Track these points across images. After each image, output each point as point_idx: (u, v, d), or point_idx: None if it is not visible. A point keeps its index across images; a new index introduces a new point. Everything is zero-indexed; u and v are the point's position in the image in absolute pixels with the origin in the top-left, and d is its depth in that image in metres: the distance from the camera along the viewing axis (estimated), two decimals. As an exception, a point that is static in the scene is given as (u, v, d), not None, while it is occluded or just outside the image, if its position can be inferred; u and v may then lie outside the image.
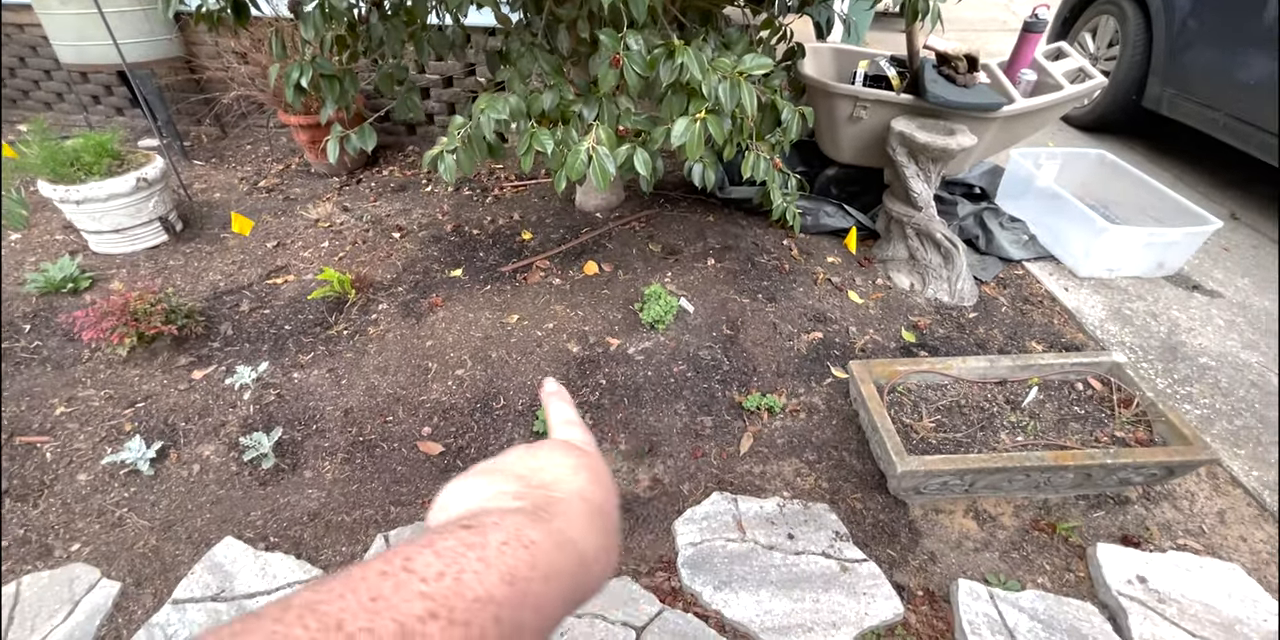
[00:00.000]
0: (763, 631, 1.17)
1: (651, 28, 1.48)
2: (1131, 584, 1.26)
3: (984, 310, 1.99)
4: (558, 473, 0.30)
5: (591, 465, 0.32)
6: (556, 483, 0.30)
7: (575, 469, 0.31)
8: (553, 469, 0.31)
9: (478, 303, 1.96)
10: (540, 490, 0.29)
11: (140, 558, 1.29)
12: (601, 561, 0.27)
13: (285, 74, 1.59)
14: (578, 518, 0.27)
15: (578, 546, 0.26)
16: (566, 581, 0.24)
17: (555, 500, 0.28)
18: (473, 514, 0.25)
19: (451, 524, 0.24)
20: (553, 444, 0.34)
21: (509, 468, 0.31)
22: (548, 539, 0.24)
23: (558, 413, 0.39)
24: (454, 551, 0.21)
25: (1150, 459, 1.34)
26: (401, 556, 0.21)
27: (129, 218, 2.12)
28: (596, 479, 0.31)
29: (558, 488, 0.29)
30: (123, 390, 1.65)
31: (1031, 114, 1.98)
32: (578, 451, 0.33)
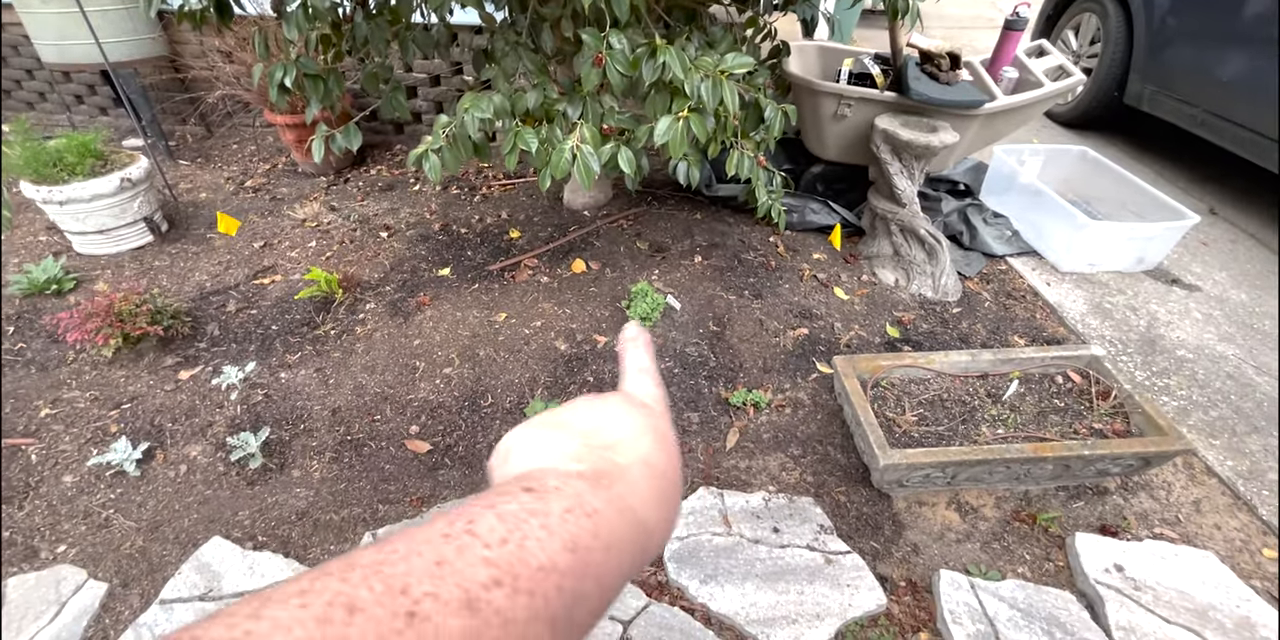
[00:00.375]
0: (748, 624, 1.19)
1: (635, 27, 1.49)
2: (1109, 573, 1.29)
3: (967, 305, 2.01)
4: (622, 433, 0.29)
5: (657, 426, 0.31)
6: (620, 444, 0.28)
7: (641, 430, 0.30)
8: (617, 428, 0.29)
9: (465, 301, 1.96)
10: (603, 452, 0.28)
11: (127, 559, 1.29)
12: (662, 530, 0.27)
13: (269, 73, 1.59)
14: (640, 485, 0.27)
15: (639, 515, 0.25)
16: (627, 551, 0.24)
17: (618, 466, 0.27)
18: (533, 475, 0.25)
19: (512, 484, 0.23)
20: (621, 399, 0.32)
21: (573, 423, 0.30)
22: (610, 507, 0.24)
23: (634, 360, 0.36)
24: (517, 516, 0.21)
25: (1127, 450, 1.36)
26: (464, 519, 0.20)
27: (113, 218, 2.10)
28: (661, 442, 0.30)
29: (621, 450, 0.28)
30: (108, 391, 1.64)
31: (1013, 111, 2.01)
32: (645, 409, 0.31)
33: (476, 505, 0.21)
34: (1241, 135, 2.34)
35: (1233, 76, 2.35)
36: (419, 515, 1.37)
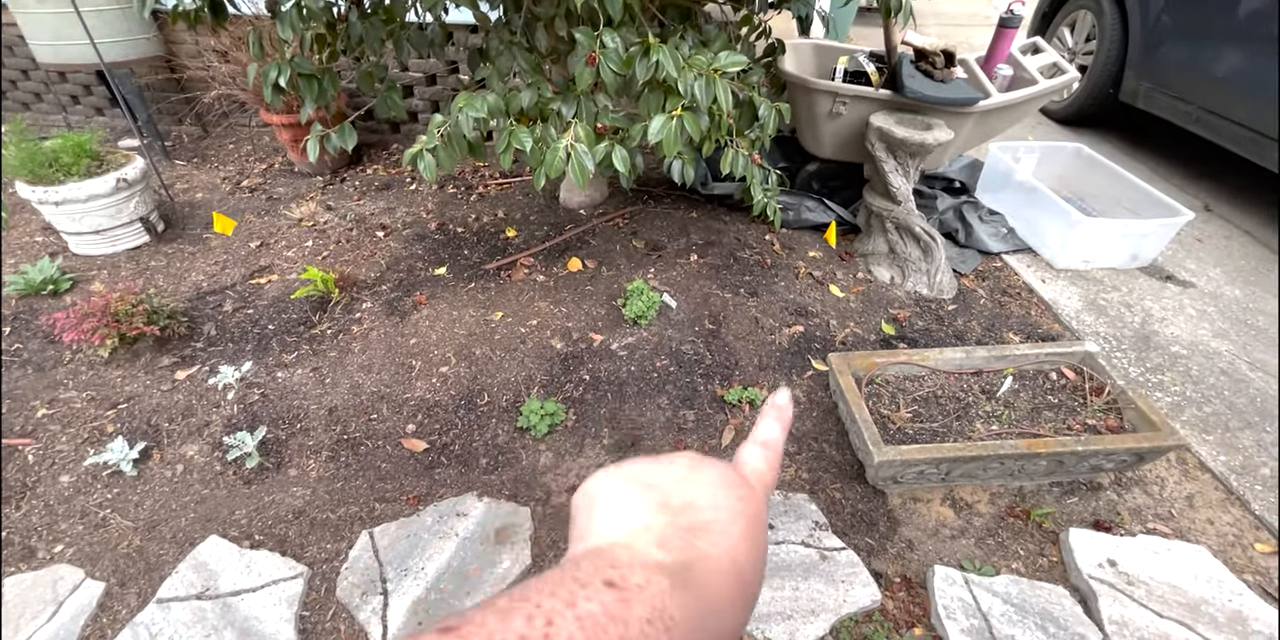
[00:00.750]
0: (743, 619, 1.20)
1: (629, 26, 1.49)
2: (1102, 567, 1.29)
3: (963, 302, 2.02)
4: (715, 516, 0.28)
5: (750, 511, 0.29)
6: (710, 528, 0.27)
7: (734, 515, 0.28)
8: (711, 507, 0.28)
9: (462, 300, 1.96)
10: (691, 537, 0.26)
11: (124, 558, 1.30)
12: (733, 634, 0.25)
13: (263, 73, 1.59)
14: (721, 590, 0.25)
15: (709, 627, 0.24)
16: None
17: (704, 559, 0.26)
18: (617, 559, 0.24)
19: (595, 573, 0.23)
20: (721, 473, 0.30)
21: (667, 487, 0.28)
22: (687, 618, 0.23)
23: (763, 430, 0.35)
24: (597, 623, 0.20)
25: (1120, 445, 1.37)
26: (544, 618, 0.20)
27: (109, 219, 2.10)
28: (752, 532, 0.28)
29: (709, 538, 0.26)
30: (105, 391, 1.64)
31: (1007, 108, 2.01)
32: (744, 490, 0.30)
33: (558, 597, 0.21)
34: (1237, 132, 2.35)
35: (1228, 73, 2.36)
36: (415, 514, 1.38)
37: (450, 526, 1.35)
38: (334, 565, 1.28)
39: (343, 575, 1.26)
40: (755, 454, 0.33)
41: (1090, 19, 3.08)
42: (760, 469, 0.33)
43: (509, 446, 1.53)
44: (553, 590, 0.21)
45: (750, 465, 0.33)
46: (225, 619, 1.18)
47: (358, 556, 1.30)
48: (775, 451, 0.34)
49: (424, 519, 1.37)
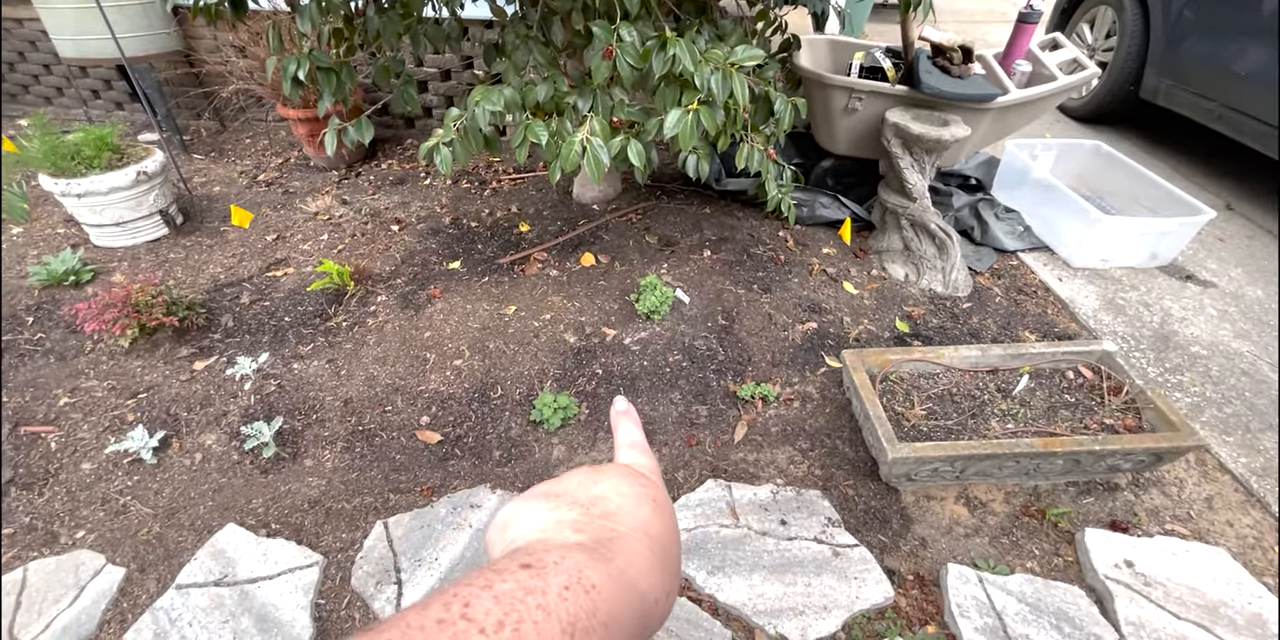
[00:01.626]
0: (755, 615, 1.20)
1: (645, 20, 1.49)
2: (1119, 568, 1.28)
3: (978, 300, 2.00)
4: (621, 502, 0.29)
5: (655, 496, 0.31)
6: (619, 514, 0.28)
7: (639, 499, 0.30)
8: (616, 498, 0.29)
9: (475, 294, 1.97)
10: (602, 521, 0.28)
11: (144, 544, 1.32)
12: (662, 603, 0.26)
13: (282, 67, 1.60)
14: (640, 556, 0.26)
15: (639, 588, 0.25)
16: (628, 624, 0.23)
17: (618, 535, 0.27)
18: (532, 548, 0.25)
19: (510, 560, 0.23)
20: (618, 470, 0.32)
21: (571, 492, 0.30)
22: (609, 582, 0.23)
23: (625, 434, 0.38)
24: (513, 597, 0.21)
25: (1138, 445, 1.35)
26: (461, 602, 0.20)
27: (130, 211, 2.13)
28: (660, 511, 0.30)
29: (620, 519, 0.28)
30: (125, 381, 1.67)
31: (1025, 105, 1.99)
32: (642, 479, 0.32)
33: (474, 585, 0.21)
34: (1259, 130, 2.31)
35: (1251, 70, 2.31)
36: (429, 505, 1.39)
37: (464, 518, 1.36)
38: (349, 554, 1.30)
39: (358, 564, 1.28)
40: (631, 455, 0.36)
41: (1111, 15, 3.04)
42: (645, 462, 0.35)
43: (522, 439, 1.54)
44: (469, 581, 0.22)
45: (636, 463, 0.35)
46: (243, 606, 1.20)
47: (372, 546, 1.31)
48: (645, 447, 0.37)
49: (438, 510, 1.38)
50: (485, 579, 0.22)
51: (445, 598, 0.21)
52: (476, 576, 0.22)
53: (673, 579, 0.28)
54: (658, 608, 0.26)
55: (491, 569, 0.23)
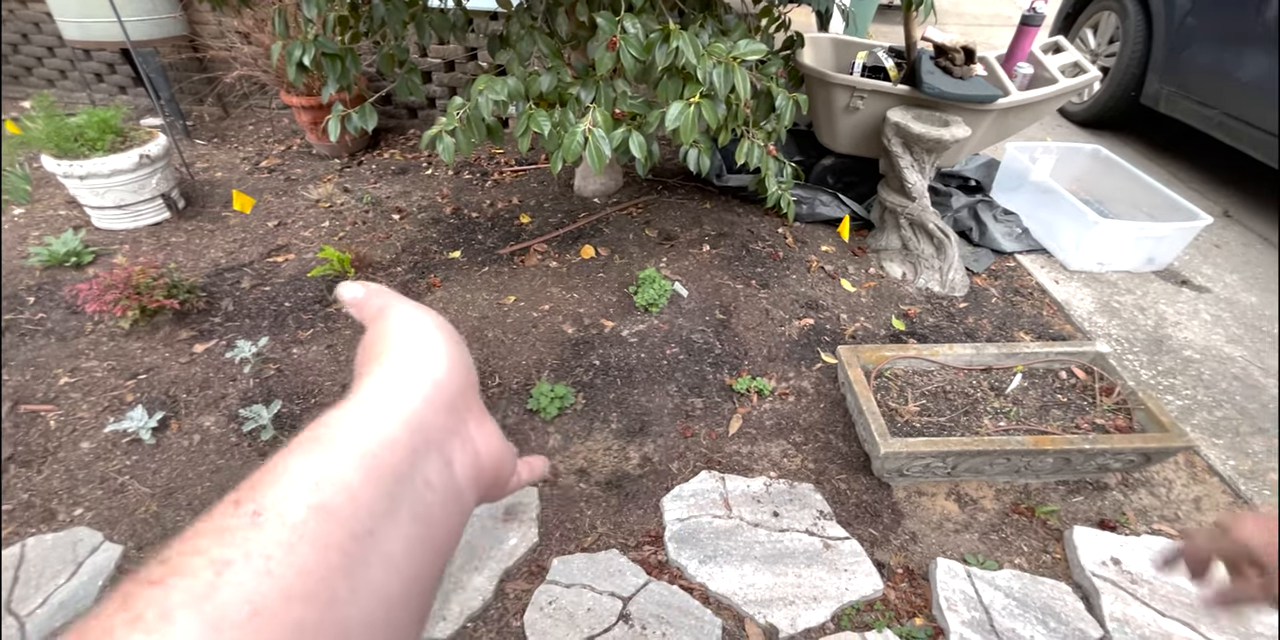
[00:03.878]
0: (745, 604, 1.21)
1: (649, 13, 1.50)
2: (1105, 565, 1.30)
3: (974, 301, 2.01)
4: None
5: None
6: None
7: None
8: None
9: (475, 284, 1.98)
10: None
11: (142, 523, 1.33)
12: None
13: (288, 52, 1.60)
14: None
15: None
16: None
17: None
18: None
19: None
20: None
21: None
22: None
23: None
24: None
25: (1128, 445, 1.37)
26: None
27: (132, 194, 2.14)
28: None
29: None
30: (125, 362, 1.68)
31: (1026, 107, 2.00)
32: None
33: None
34: (1259, 138, 2.32)
35: (1252, 79, 2.33)
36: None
37: (459, 503, 1.37)
38: (344, 537, 1.31)
39: (352, 547, 1.29)
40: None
41: (1114, 20, 3.05)
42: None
43: (519, 428, 1.55)
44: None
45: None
46: (238, 584, 1.21)
47: (367, 529, 1.32)
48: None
49: (433, 495, 1.39)
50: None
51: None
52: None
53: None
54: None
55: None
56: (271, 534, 0.17)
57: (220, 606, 0.15)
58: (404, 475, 0.21)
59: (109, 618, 0.15)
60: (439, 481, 0.23)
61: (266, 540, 0.17)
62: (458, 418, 0.26)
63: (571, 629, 1.16)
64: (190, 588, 0.16)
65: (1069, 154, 2.50)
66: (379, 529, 0.20)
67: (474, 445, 0.27)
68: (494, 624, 1.18)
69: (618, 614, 1.19)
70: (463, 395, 0.26)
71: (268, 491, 0.19)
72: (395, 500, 0.21)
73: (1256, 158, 2.37)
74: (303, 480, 0.19)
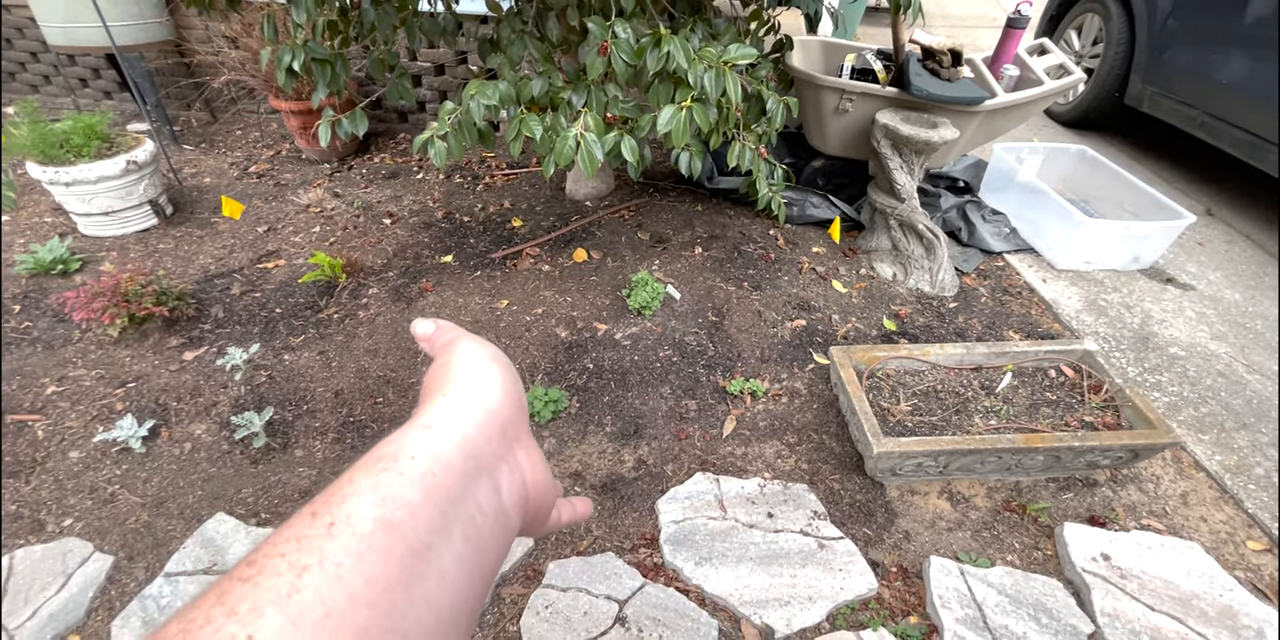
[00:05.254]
0: (741, 605, 1.22)
1: (640, 17, 1.50)
2: (1096, 561, 1.31)
3: (964, 300, 2.03)
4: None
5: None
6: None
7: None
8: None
9: (468, 288, 1.98)
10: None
11: (132, 533, 1.31)
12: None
13: (277, 57, 1.60)
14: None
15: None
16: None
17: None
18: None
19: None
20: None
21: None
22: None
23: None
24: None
25: (1116, 442, 1.39)
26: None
27: (119, 200, 2.12)
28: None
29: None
30: (114, 370, 1.66)
31: (1013, 108, 2.02)
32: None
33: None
34: (1240, 138, 2.36)
35: (1233, 79, 2.37)
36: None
37: (454, 508, 1.37)
38: (339, 544, 1.30)
39: (347, 554, 1.28)
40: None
41: (1097, 22, 3.09)
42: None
43: (513, 432, 1.55)
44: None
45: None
46: (231, 593, 1.20)
47: (362, 536, 1.31)
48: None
49: (428, 501, 1.38)
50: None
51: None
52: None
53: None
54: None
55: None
56: (343, 543, 0.19)
57: (300, 605, 0.17)
58: (457, 497, 0.23)
59: (208, 609, 0.17)
60: (488, 505, 0.25)
61: (338, 549, 0.19)
62: (507, 444, 0.28)
63: (568, 632, 1.16)
64: (275, 587, 0.18)
65: (1055, 154, 2.53)
66: (435, 545, 0.21)
67: (521, 473, 0.28)
68: (490, 629, 1.18)
69: (614, 617, 1.19)
70: (513, 423, 0.28)
71: (340, 505, 0.21)
72: (448, 520, 0.22)
73: (1237, 156, 2.41)
74: (370, 496, 0.21)
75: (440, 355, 0.31)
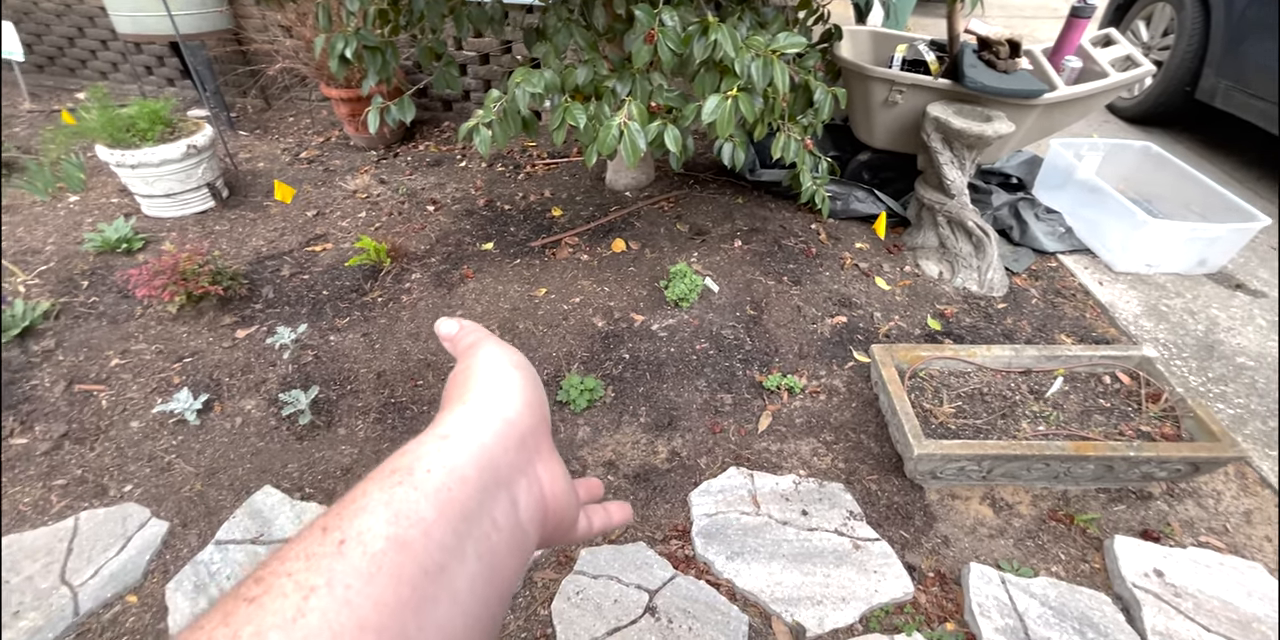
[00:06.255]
0: (772, 601, 1.21)
1: (687, 5, 1.48)
2: (1148, 577, 1.26)
3: (1013, 301, 1.96)
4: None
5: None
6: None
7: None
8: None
9: (507, 276, 2.00)
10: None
11: (186, 501, 1.37)
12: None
13: (330, 44, 1.63)
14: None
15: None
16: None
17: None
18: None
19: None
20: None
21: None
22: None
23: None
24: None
25: (1175, 454, 1.32)
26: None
27: (179, 183, 2.21)
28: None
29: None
30: (172, 345, 1.74)
31: (1073, 102, 1.93)
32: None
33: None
34: (1324, 135, 2.21)
35: (1319, 72, 2.21)
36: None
37: (489, 491, 1.39)
38: (378, 521, 1.33)
39: (386, 530, 1.32)
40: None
41: (1169, 12, 2.92)
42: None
43: (547, 419, 1.56)
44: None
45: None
46: (276, 563, 1.24)
47: (400, 514, 1.35)
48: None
49: (464, 483, 1.41)
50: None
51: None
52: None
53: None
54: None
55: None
56: (352, 563, 0.19)
57: (305, 630, 0.17)
58: (472, 513, 0.22)
59: (211, 630, 0.17)
60: (504, 521, 0.24)
61: (348, 569, 0.18)
62: (526, 456, 0.27)
63: (598, 619, 1.17)
64: (281, 610, 0.17)
65: (1117, 151, 2.41)
66: (448, 565, 0.21)
67: (540, 486, 0.27)
68: (522, 612, 1.19)
69: (644, 606, 1.19)
70: (533, 434, 0.28)
71: (352, 520, 0.20)
72: (462, 538, 0.22)
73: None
74: (382, 511, 0.20)
75: (462, 359, 0.31)
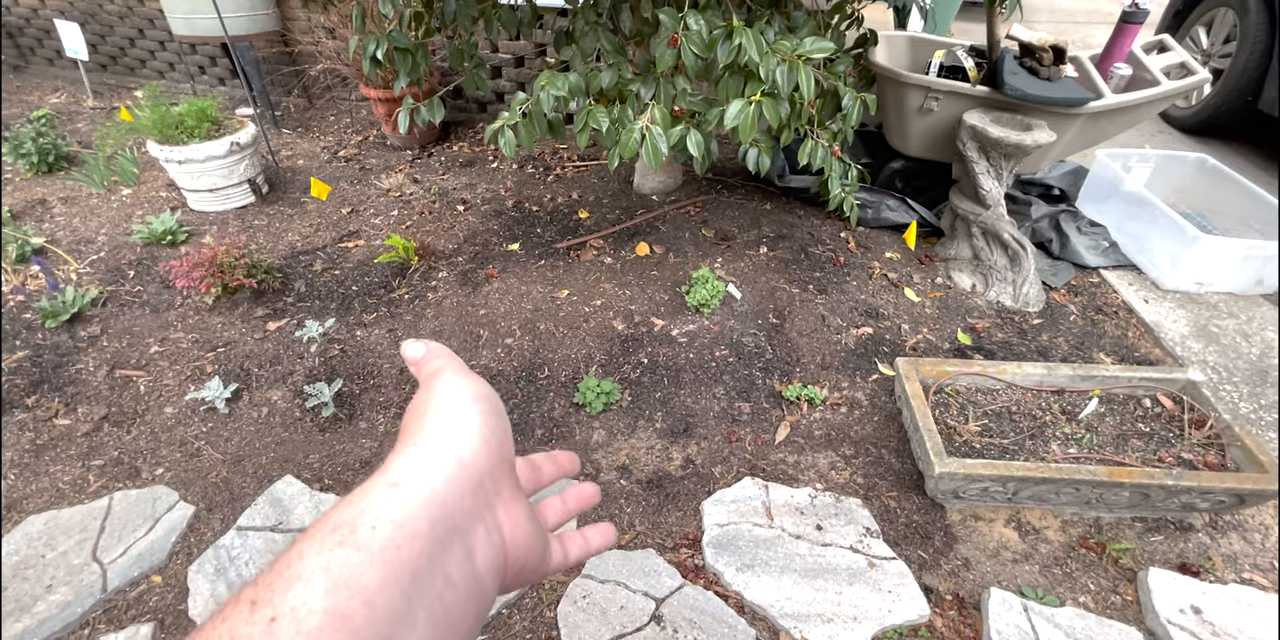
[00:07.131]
0: (781, 617, 1.18)
1: (715, 9, 1.47)
2: (1184, 613, 1.19)
3: (1050, 317, 1.89)
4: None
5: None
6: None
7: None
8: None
9: (531, 276, 2.02)
10: None
11: (212, 486, 1.42)
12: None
13: (363, 45, 1.67)
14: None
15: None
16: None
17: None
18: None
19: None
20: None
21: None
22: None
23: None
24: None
25: (1219, 484, 1.25)
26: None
27: (222, 178, 2.29)
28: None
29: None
30: (207, 335, 1.80)
31: (1121, 111, 1.85)
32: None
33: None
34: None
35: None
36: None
37: (501, 491, 1.40)
38: (392, 514, 1.36)
39: (399, 525, 1.33)
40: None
41: (1231, 18, 2.78)
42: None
43: (564, 421, 1.57)
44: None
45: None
46: (293, 551, 1.27)
47: (414, 509, 1.36)
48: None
49: (477, 481, 1.42)
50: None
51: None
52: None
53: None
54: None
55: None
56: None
57: None
58: (422, 571, 0.21)
59: None
60: (459, 575, 0.23)
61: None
62: (485, 500, 0.25)
63: (604, 624, 1.16)
64: None
65: (1169, 163, 2.30)
66: (395, 635, 0.19)
67: (500, 533, 0.26)
68: (528, 613, 1.19)
69: (650, 614, 1.18)
70: (491, 475, 0.26)
71: (285, 593, 0.18)
72: (412, 602, 0.20)
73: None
74: (320, 581, 0.19)
75: (422, 388, 0.29)
